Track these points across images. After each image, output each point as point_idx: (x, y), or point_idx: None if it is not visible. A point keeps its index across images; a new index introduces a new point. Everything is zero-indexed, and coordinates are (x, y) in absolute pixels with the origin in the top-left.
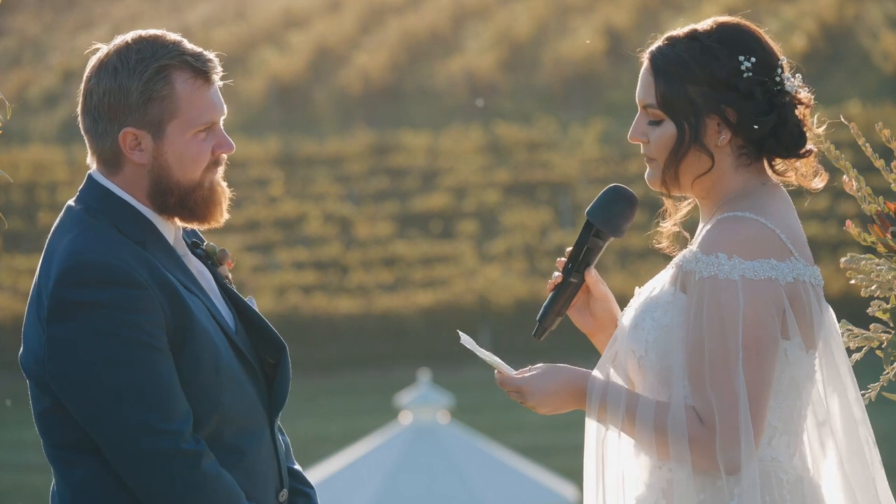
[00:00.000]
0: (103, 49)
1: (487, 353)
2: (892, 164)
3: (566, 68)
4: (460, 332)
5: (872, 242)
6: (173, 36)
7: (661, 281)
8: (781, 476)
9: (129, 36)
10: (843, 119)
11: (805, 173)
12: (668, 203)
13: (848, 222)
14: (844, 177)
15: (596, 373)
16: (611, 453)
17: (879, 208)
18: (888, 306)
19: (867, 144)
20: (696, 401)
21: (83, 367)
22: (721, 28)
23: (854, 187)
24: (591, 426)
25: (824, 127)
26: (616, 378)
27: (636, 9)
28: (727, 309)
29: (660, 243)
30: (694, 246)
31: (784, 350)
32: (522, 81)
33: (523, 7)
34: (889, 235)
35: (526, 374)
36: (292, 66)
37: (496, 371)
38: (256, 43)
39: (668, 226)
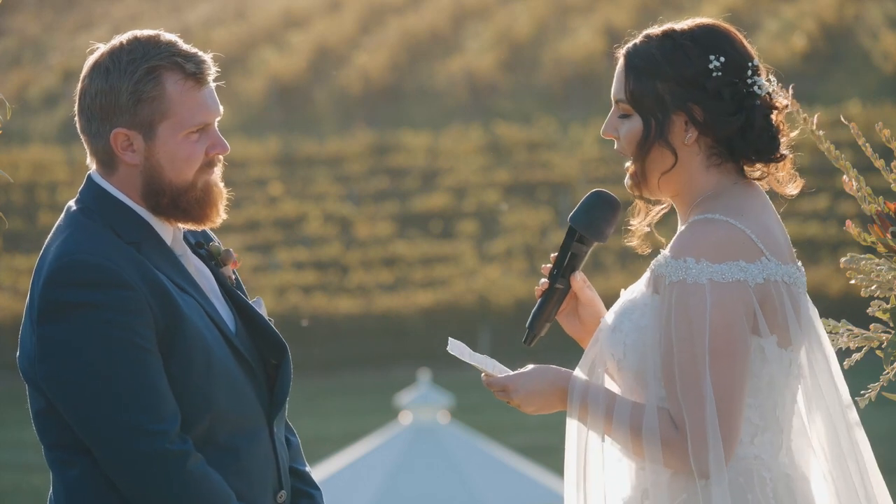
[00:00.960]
0: (99, 49)
1: (480, 356)
2: (892, 164)
3: (566, 68)
4: (450, 339)
5: (872, 242)
6: (168, 36)
7: (640, 284)
8: (764, 474)
9: (124, 36)
10: (843, 119)
11: (781, 179)
12: (639, 203)
13: (848, 222)
14: (844, 177)
15: (577, 373)
16: (593, 455)
17: (879, 208)
18: (888, 306)
19: (867, 144)
20: (670, 404)
21: (71, 368)
22: (697, 28)
23: (854, 187)
24: (571, 427)
25: (816, 123)
26: (596, 380)
27: (636, 9)
28: (695, 313)
29: (631, 242)
30: (666, 249)
31: (761, 347)
32: (522, 81)
33: (523, 7)
34: (889, 235)
35: (512, 374)
36: (292, 66)
37: (482, 374)
38: (256, 43)
39: (637, 224)
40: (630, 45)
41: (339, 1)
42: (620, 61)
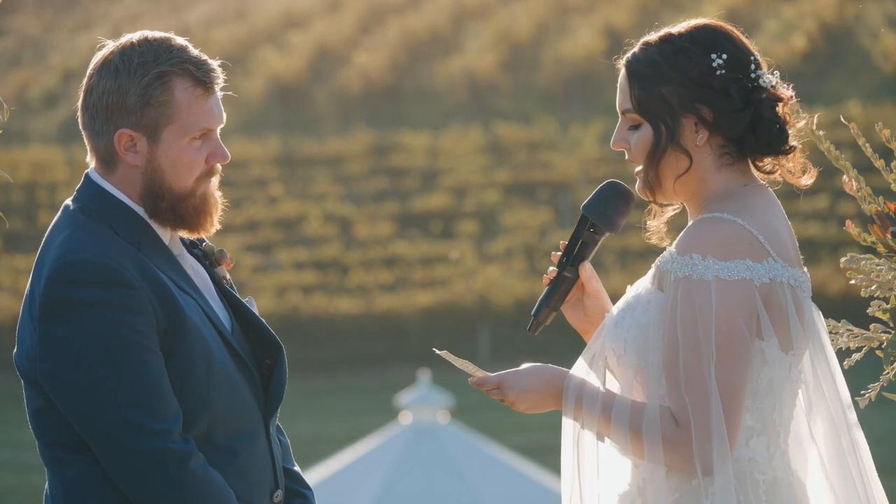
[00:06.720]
0: (109, 47)
1: (465, 361)
2: (892, 164)
3: (566, 68)
4: (436, 350)
5: (872, 242)
6: (179, 40)
7: (644, 280)
8: (758, 476)
9: (135, 36)
10: (843, 119)
11: (793, 170)
12: (654, 206)
13: (848, 222)
14: (844, 177)
15: (574, 371)
16: (588, 452)
17: (879, 208)
18: (888, 306)
19: (867, 144)
20: (671, 401)
21: (73, 366)
22: (693, 29)
23: (854, 187)
24: (567, 425)
25: (816, 123)
26: (596, 374)
27: (636, 9)
28: (700, 309)
29: (650, 239)
30: (672, 246)
31: (761, 350)
32: (522, 81)
33: (523, 7)
34: (889, 235)
35: (506, 371)
36: (292, 66)
37: (469, 377)
38: (256, 43)
39: (657, 224)
40: (629, 54)
41: (339, 1)
42: (622, 72)
